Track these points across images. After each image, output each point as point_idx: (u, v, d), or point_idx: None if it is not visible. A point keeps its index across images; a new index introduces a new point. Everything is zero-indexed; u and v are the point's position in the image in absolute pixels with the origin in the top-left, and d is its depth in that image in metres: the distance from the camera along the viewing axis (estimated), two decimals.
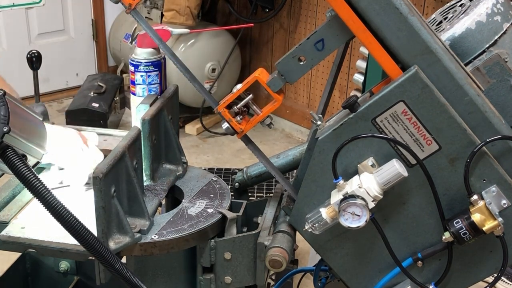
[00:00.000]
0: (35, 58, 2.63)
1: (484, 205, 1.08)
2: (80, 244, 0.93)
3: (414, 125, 1.09)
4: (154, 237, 1.22)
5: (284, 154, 1.45)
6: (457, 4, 1.37)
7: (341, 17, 1.09)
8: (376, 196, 1.07)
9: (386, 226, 1.15)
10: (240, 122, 1.21)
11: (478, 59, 1.22)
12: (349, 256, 1.20)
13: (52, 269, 1.68)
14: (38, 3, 4.29)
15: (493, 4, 1.25)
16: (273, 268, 1.20)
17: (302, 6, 3.91)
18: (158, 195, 1.37)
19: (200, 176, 1.49)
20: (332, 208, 1.09)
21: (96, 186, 1.08)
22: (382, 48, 1.09)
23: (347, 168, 1.12)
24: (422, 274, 1.17)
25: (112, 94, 4.05)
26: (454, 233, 1.09)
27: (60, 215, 0.89)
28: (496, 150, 1.10)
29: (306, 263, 2.50)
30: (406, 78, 1.06)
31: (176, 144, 1.47)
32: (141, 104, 1.44)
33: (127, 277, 0.97)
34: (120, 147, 1.19)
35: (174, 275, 1.35)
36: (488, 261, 1.16)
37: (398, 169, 1.06)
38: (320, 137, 1.12)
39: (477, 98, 1.09)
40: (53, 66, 4.40)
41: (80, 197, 1.35)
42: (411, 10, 1.08)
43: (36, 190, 0.87)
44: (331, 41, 1.14)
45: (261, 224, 1.30)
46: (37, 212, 1.29)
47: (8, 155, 0.84)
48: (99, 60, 4.79)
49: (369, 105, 1.09)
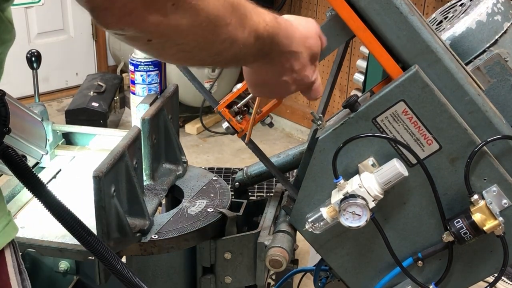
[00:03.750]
0: (35, 57, 2.63)
1: (484, 204, 1.07)
2: (83, 246, 0.93)
3: (414, 125, 1.08)
4: (154, 237, 1.22)
5: (284, 154, 1.45)
6: (457, 4, 1.37)
7: (341, 16, 1.09)
8: (377, 196, 1.06)
9: (387, 226, 1.15)
10: (240, 122, 1.21)
11: (478, 58, 1.22)
12: (350, 256, 1.19)
13: (52, 269, 1.67)
14: (37, 3, 4.29)
15: (494, 3, 1.25)
16: (273, 268, 1.20)
17: (302, 6, 3.91)
18: (158, 195, 1.37)
19: (200, 175, 1.49)
20: (332, 208, 1.09)
21: (96, 186, 1.08)
22: (382, 47, 1.09)
23: (347, 168, 1.12)
24: (422, 274, 1.17)
25: (112, 94, 4.05)
26: (454, 233, 1.09)
27: (61, 216, 0.89)
28: (496, 150, 1.10)
29: (306, 263, 2.50)
30: (407, 77, 1.06)
31: (176, 143, 1.47)
32: (141, 103, 1.44)
33: (129, 277, 0.97)
34: (120, 147, 1.19)
35: (174, 275, 1.35)
36: (489, 261, 1.15)
37: (398, 168, 1.06)
38: (320, 137, 1.12)
39: (478, 97, 1.09)
40: (52, 65, 4.40)
41: (77, 192, 1.35)
42: (411, 9, 1.08)
43: (37, 190, 0.86)
44: (331, 40, 1.13)
45: (261, 223, 1.30)
46: (36, 212, 1.29)
47: (9, 156, 0.83)
48: (98, 59, 4.79)
49: (370, 105, 1.09)
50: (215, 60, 0.86)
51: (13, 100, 1.07)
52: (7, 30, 0.80)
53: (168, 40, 0.76)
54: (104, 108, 3.85)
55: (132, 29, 0.71)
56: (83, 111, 3.80)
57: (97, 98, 3.90)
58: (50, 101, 4.52)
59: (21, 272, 0.88)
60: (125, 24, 0.70)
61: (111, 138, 1.55)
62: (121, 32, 0.72)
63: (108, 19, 0.69)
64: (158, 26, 0.72)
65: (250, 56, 0.90)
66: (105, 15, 0.69)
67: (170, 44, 0.77)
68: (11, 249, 0.86)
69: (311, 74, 1.01)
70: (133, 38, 0.74)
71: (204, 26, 0.76)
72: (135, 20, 0.70)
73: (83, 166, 1.50)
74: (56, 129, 1.56)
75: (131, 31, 0.72)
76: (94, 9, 0.69)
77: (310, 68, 1.00)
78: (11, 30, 0.81)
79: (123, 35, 0.73)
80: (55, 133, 1.54)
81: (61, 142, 1.58)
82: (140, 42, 0.76)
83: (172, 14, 0.72)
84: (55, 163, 1.53)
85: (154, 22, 0.71)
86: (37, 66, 2.67)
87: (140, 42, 0.76)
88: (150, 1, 0.69)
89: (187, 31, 0.75)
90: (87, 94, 3.94)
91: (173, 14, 0.72)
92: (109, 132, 1.61)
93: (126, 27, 0.71)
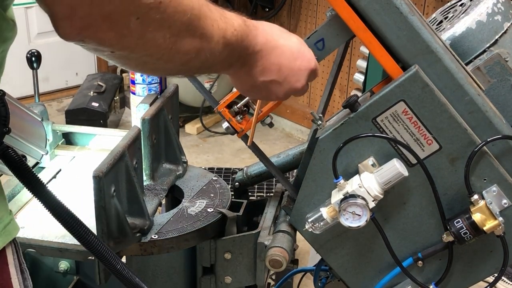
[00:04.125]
0: (35, 57, 2.63)
1: (484, 204, 1.07)
2: (83, 246, 0.93)
3: (414, 125, 1.08)
4: (154, 237, 1.22)
5: (284, 154, 1.45)
6: (457, 4, 1.37)
7: (341, 16, 1.09)
8: (377, 196, 1.06)
9: (387, 226, 1.15)
10: (240, 122, 1.21)
11: (478, 58, 1.22)
12: (350, 256, 1.19)
13: (52, 269, 1.67)
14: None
15: (494, 3, 1.25)
16: (273, 268, 1.20)
17: (302, 6, 3.91)
18: (158, 195, 1.37)
19: (200, 175, 1.49)
20: (332, 208, 1.09)
21: (96, 186, 1.08)
22: (382, 47, 1.09)
23: (347, 168, 1.12)
24: (422, 274, 1.17)
25: (112, 94, 4.05)
26: (454, 233, 1.09)
27: (61, 216, 0.89)
28: (496, 150, 1.10)
29: (306, 263, 2.50)
30: (407, 77, 1.06)
31: (176, 143, 1.47)
32: (141, 103, 1.44)
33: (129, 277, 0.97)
34: (120, 147, 1.19)
35: (174, 275, 1.35)
36: (489, 261, 1.15)
37: (398, 168, 1.06)
38: (320, 137, 1.12)
39: (478, 97, 1.09)
40: (52, 65, 4.39)
41: (77, 192, 1.35)
42: (411, 9, 1.08)
43: (37, 190, 0.86)
44: (331, 40, 1.14)
45: (261, 223, 1.30)
46: (36, 212, 1.29)
47: (9, 156, 0.83)
48: (98, 59, 4.78)
49: (370, 105, 1.09)
50: (182, 69, 0.86)
51: (13, 100, 1.07)
52: (9, 28, 0.80)
53: (132, 52, 0.75)
54: (104, 108, 3.85)
55: (92, 42, 0.70)
56: (83, 111, 3.80)
57: (97, 98, 3.90)
58: (50, 101, 4.52)
59: (22, 271, 0.88)
60: (85, 36, 0.69)
61: (111, 138, 1.55)
62: (82, 44, 0.71)
63: (67, 29, 0.68)
64: (119, 40, 0.71)
65: (220, 63, 0.90)
66: (65, 25, 0.67)
67: (134, 56, 0.76)
68: (12, 248, 0.86)
69: (296, 73, 1.00)
70: (95, 49, 0.73)
71: (167, 38, 0.75)
72: (95, 34, 0.68)
73: (83, 166, 1.50)
74: (56, 129, 1.56)
75: (92, 44, 0.70)
76: (53, 17, 0.67)
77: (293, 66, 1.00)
78: (13, 28, 0.81)
79: (84, 45, 0.72)
80: (55, 133, 1.55)
81: (61, 142, 1.58)
82: (103, 54, 0.75)
83: (135, 27, 0.70)
84: (55, 163, 1.53)
85: (115, 36, 0.70)
86: (37, 66, 2.67)
87: (103, 53, 0.75)
88: (111, 16, 0.68)
89: (150, 44, 0.74)
90: (87, 94, 3.94)
91: (136, 28, 0.70)
92: (109, 132, 1.61)
93: (86, 39, 0.69)
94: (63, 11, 0.66)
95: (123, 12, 0.69)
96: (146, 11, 0.70)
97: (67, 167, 1.52)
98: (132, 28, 0.70)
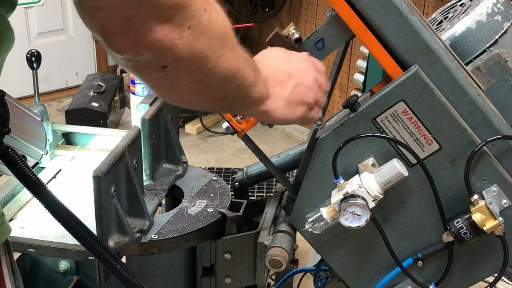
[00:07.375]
0: (35, 57, 2.63)
1: (484, 204, 1.07)
2: (83, 246, 0.93)
3: (414, 125, 1.08)
4: (154, 237, 1.22)
5: (284, 154, 1.45)
6: (457, 4, 1.37)
7: (341, 16, 1.09)
8: (377, 196, 1.06)
9: (387, 226, 1.15)
10: (240, 122, 1.21)
11: (478, 58, 1.22)
12: (350, 256, 1.19)
13: (52, 269, 1.67)
14: (37, 3, 4.29)
15: (494, 3, 1.25)
16: (273, 268, 1.20)
17: (302, 6, 3.91)
18: (158, 195, 1.37)
19: (200, 175, 1.49)
20: (332, 208, 1.09)
21: (96, 186, 1.08)
22: (382, 47, 1.09)
23: (347, 168, 1.12)
24: (422, 274, 1.17)
25: (112, 94, 4.05)
26: (454, 233, 1.09)
27: (61, 216, 0.89)
28: (496, 150, 1.10)
29: (306, 263, 2.50)
30: (407, 77, 1.06)
31: (176, 143, 1.47)
32: (141, 103, 1.44)
33: (129, 277, 0.97)
34: (120, 147, 1.19)
35: (174, 275, 1.35)
36: (489, 261, 1.15)
37: (398, 168, 1.06)
38: (320, 137, 1.12)
39: (478, 97, 1.09)
40: (52, 65, 4.40)
41: (77, 192, 1.35)
42: (411, 9, 1.08)
43: (36, 190, 0.86)
44: (331, 40, 1.14)
45: (261, 223, 1.30)
46: (36, 212, 1.29)
47: (9, 156, 0.83)
48: (98, 59, 4.78)
49: (370, 105, 1.09)
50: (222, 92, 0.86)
51: (13, 100, 1.07)
52: (12, 37, 0.81)
53: (184, 66, 0.75)
54: (104, 108, 3.85)
55: (149, 52, 0.70)
56: (83, 111, 3.80)
57: (97, 98, 3.90)
58: (50, 101, 4.52)
59: (14, 271, 0.89)
60: (142, 46, 0.69)
61: (111, 138, 1.55)
62: (136, 57, 0.70)
63: (122, 43, 0.68)
64: (173, 48, 0.71)
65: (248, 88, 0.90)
66: (120, 40, 0.67)
67: (184, 72, 0.76)
68: (5, 248, 0.88)
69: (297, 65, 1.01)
70: (147, 65, 0.72)
71: (214, 48, 0.76)
72: (152, 41, 0.68)
73: (83, 166, 1.50)
74: (56, 129, 1.56)
75: (148, 54, 0.70)
76: (107, 34, 0.67)
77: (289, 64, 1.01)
78: (12, 36, 0.82)
79: (136, 61, 0.71)
80: (55, 133, 1.54)
81: (61, 142, 1.58)
82: (153, 69, 0.74)
83: (188, 37, 0.71)
84: (55, 163, 1.53)
85: (171, 44, 0.70)
86: (37, 66, 2.67)
87: (153, 69, 0.74)
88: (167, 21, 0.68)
89: (200, 55, 0.75)
90: (87, 94, 3.94)
91: (188, 37, 0.72)
92: (109, 132, 1.61)
93: (142, 49, 0.69)
94: (119, 24, 0.66)
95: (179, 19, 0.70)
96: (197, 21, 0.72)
97: (67, 167, 1.52)
98: (185, 36, 0.71)
